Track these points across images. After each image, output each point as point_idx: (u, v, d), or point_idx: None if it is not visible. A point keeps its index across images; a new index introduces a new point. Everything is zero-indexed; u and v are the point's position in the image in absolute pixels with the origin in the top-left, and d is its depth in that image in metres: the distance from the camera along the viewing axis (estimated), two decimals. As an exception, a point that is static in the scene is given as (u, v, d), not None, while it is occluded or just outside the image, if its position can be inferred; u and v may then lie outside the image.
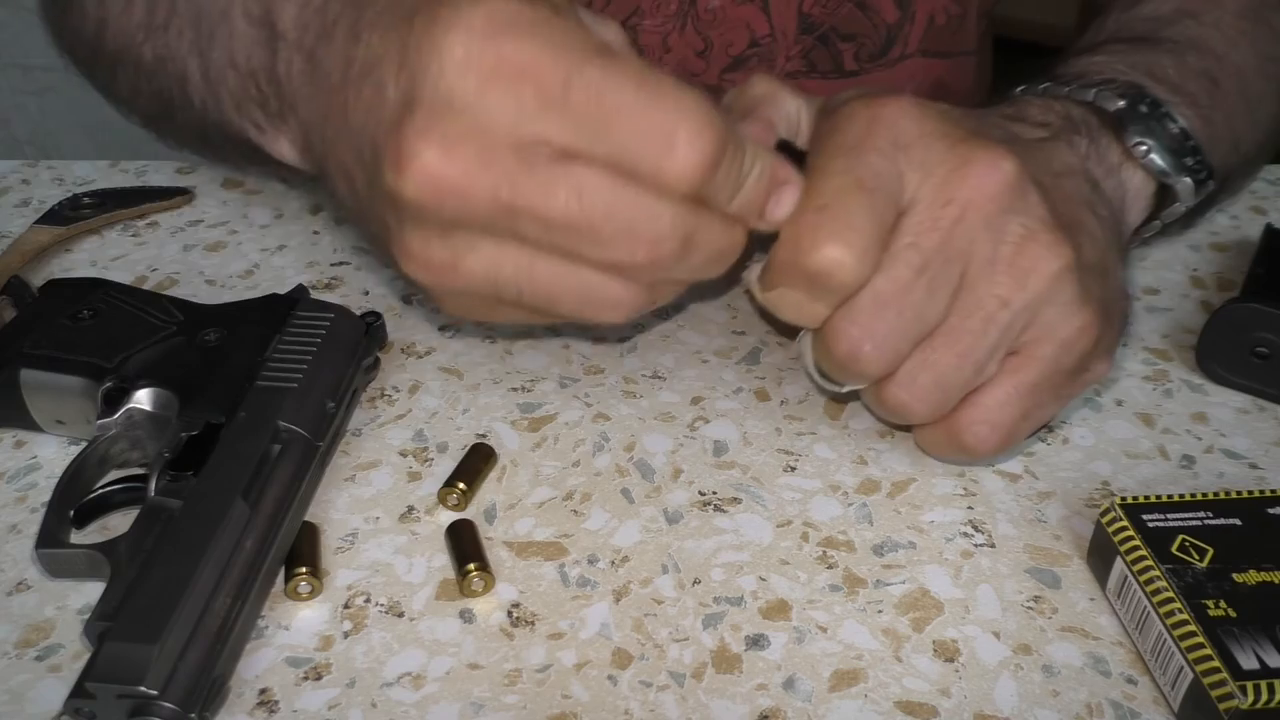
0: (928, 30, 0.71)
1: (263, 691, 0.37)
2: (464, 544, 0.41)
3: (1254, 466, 0.46)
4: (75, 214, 0.59)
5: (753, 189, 0.38)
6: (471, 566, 0.40)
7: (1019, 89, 0.51)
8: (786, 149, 0.43)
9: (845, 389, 0.44)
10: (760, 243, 0.41)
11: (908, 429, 0.46)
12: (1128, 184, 0.48)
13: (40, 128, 1.10)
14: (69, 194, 0.61)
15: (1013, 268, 0.40)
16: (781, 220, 0.40)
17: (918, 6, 0.70)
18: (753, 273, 0.43)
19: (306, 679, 0.37)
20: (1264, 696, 0.34)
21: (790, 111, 0.46)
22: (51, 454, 0.46)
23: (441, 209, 0.36)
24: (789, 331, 0.51)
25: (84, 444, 0.43)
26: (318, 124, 0.41)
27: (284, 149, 0.46)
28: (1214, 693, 0.34)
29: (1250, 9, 0.55)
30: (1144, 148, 0.47)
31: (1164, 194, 0.49)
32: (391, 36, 0.37)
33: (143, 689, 0.34)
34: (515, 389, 0.49)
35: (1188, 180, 0.48)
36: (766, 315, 0.48)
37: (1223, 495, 0.41)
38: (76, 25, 0.55)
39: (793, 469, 0.45)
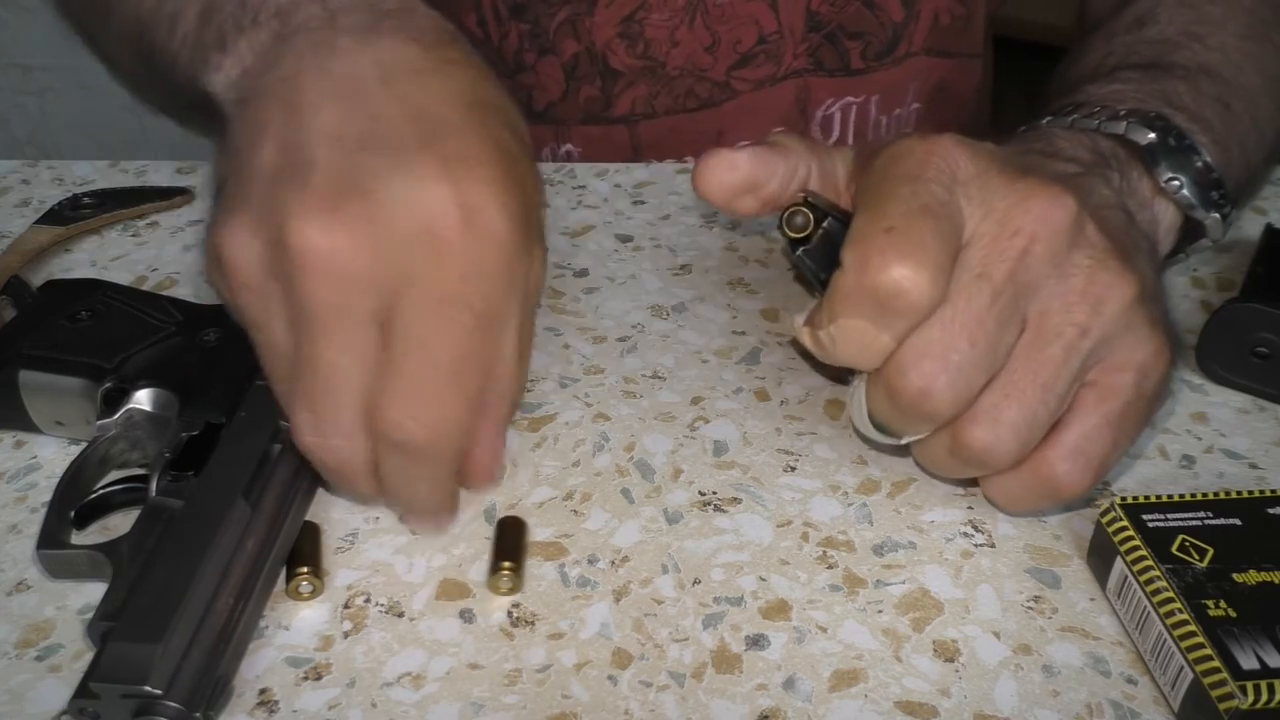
0: (932, 29, 0.71)
1: (263, 691, 0.37)
2: (506, 540, 0.41)
3: (1254, 466, 0.46)
4: (75, 214, 0.59)
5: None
6: (506, 565, 0.40)
7: (1045, 119, 0.50)
8: (818, 198, 0.42)
9: (905, 440, 0.42)
10: (807, 284, 0.41)
11: (971, 483, 0.44)
12: (1160, 217, 0.47)
13: (40, 128, 1.10)
14: (69, 194, 0.61)
15: (1087, 296, 0.39)
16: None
17: (922, 5, 0.70)
18: (799, 318, 0.42)
19: (306, 679, 0.38)
20: (1264, 696, 0.34)
21: (802, 157, 0.46)
22: (51, 454, 0.46)
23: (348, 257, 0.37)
24: (837, 374, 0.49)
25: (84, 444, 0.43)
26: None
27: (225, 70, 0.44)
28: (1214, 693, 0.34)
29: (1253, 30, 0.55)
30: (1176, 183, 0.47)
31: (1187, 227, 0.49)
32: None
33: (147, 688, 0.34)
34: (515, 389, 0.49)
35: (1217, 216, 0.48)
36: (811, 357, 0.45)
37: (1223, 495, 0.41)
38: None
39: (793, 469, 0.46)
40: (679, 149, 0.72)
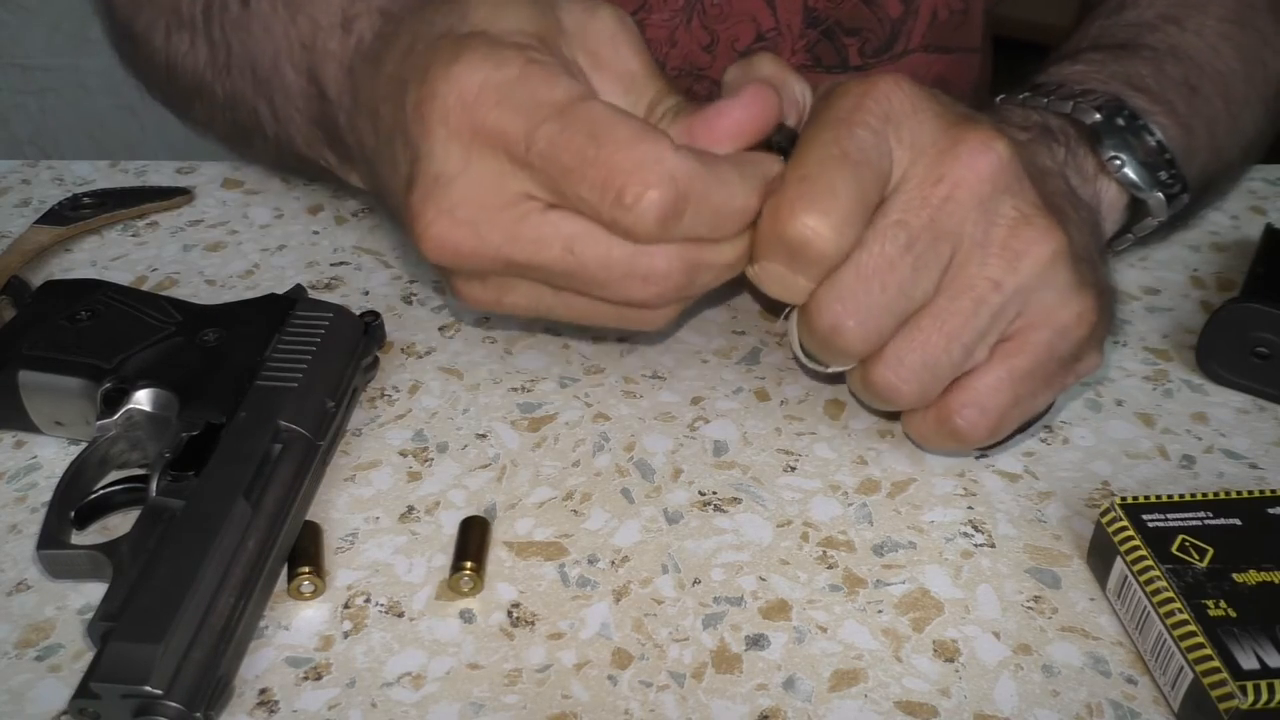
0: (930, 25, 0.71)
1: (263, 691, 0.37)
2: (470, 541, 0.41)
3: (1254, 466, 0.46)
4: (75, 214, 0.59)
5: (738, 209, 0.38)
6: (468, 565, 0.40)
7: (999, 98, 0.51)
8: (786, 132, 0.42)
9: (830, 369, 0.43)
10: None
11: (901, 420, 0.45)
12: (1103, 195, 0.48)
13: (40, 128, 1.10)
14: (69, 194, 0.61)
15: (1005, 250, 0.39)
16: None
17: (921, 2, 0.70)
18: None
19: (306, 679, 0.38)
20: (1264, 696, 0.34)
21: (797, 95, 0.46)
22: (51, 454, 0.46)
23: (461, 267, 0.39)
24: (775, 309, 0.50)
25: (84, 444, 0.43)
26: (369, 174, 0.44)
27: (357, 182, 0.48)
28: (1214, 693, 0.34)
29: (1235, 14, 0.55)
30: (1118, 161, 0.47)
31: (1137, 207, 0.49)
32: (397, 111, 0.39)
33: (147, 688, 0.34)
34: (515, 389, 0.49)
35: (1160, 195, 0.48)
36: (755, 292, 0.48)
37: (1223, 495, 0.41)
38: (147, 60, 0.57)
39: (793, 469, 0.46)
40: None
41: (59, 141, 1.10)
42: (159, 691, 0.34)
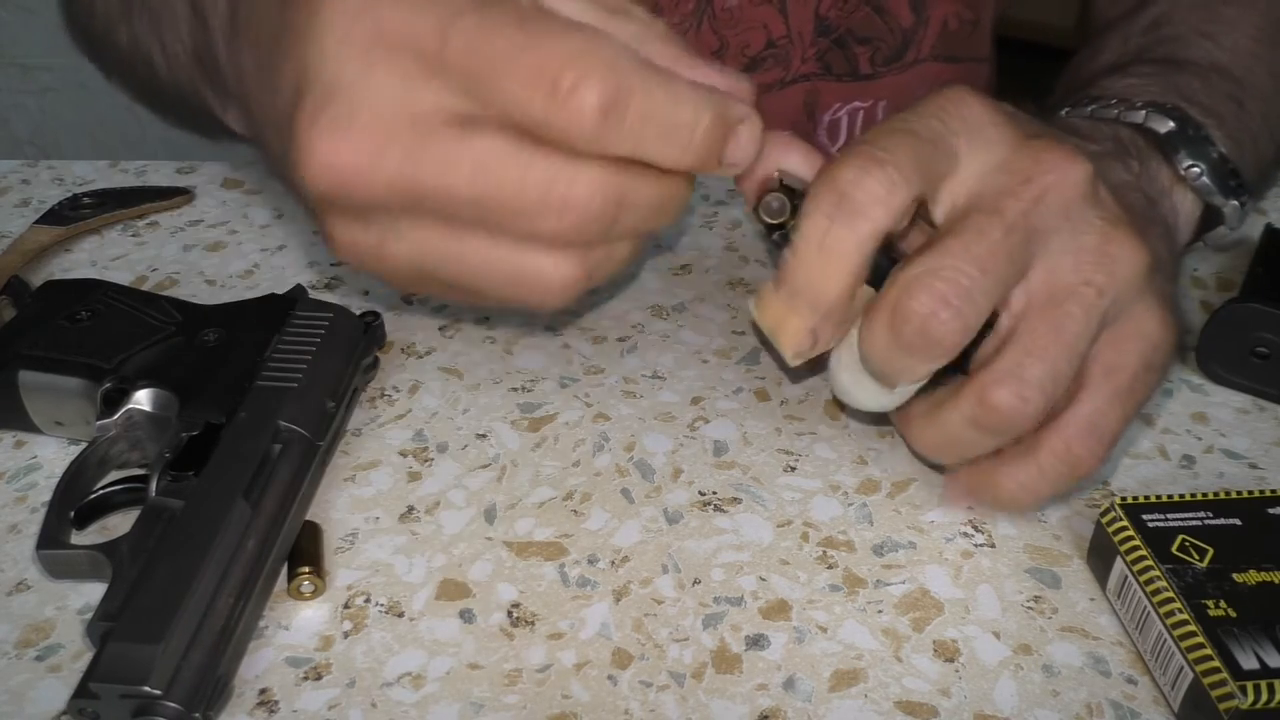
0: (941, 35, 0.71)
1: (263, 691, 0.37)
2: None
3: (1254, 466, 0.46)
4: (75, 214, 0.59)
5: (692, 131, 0.34)
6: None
7: (1064, 111, 0.50)
8: (788, 190, 0.39)
9: (897, 388, 0.39)
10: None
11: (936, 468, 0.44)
12: (1180, 206, 0.48)
13: (40, 128, 1.10)
14: (69, 194, 0.61)
15: (1102, 255, 0.37)
16: (744, 161, 0.36)
17: (931, 11, 0.70)
18: (751, 300, 0.40)
19: (306, 679, 0.38)
20: (1264, 696, 0.34)
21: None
22: (51, 454, 0.46)
23: (349, 197, 0.34)
24: (798, 373, 0.47)
25: (84, 444, 0.43)
26: (244, 112, 0.40)
27: (234, 122, 0.45)
28: (1214, 693, 0.34)
29: (1264, 32, 0.56)
30: (1196, 170, 0.47)
31: (1206, 217, 0.49)
32: (279, 19, 0.34)
33: (146, 689, 0.34)
34: (515, 389, 0.49)
35: (1235, 203, 0.48)
36: (775, 353, 0.42)
37: (1223, 495, 0.41)
38: (77, 12, 0.56)
39: (793, 469, 0.46)
40: None
41: (59, 141, 1.10)
42: (158, 692, 0.34)
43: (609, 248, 0.36)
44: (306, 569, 0.40)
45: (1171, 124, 0.47)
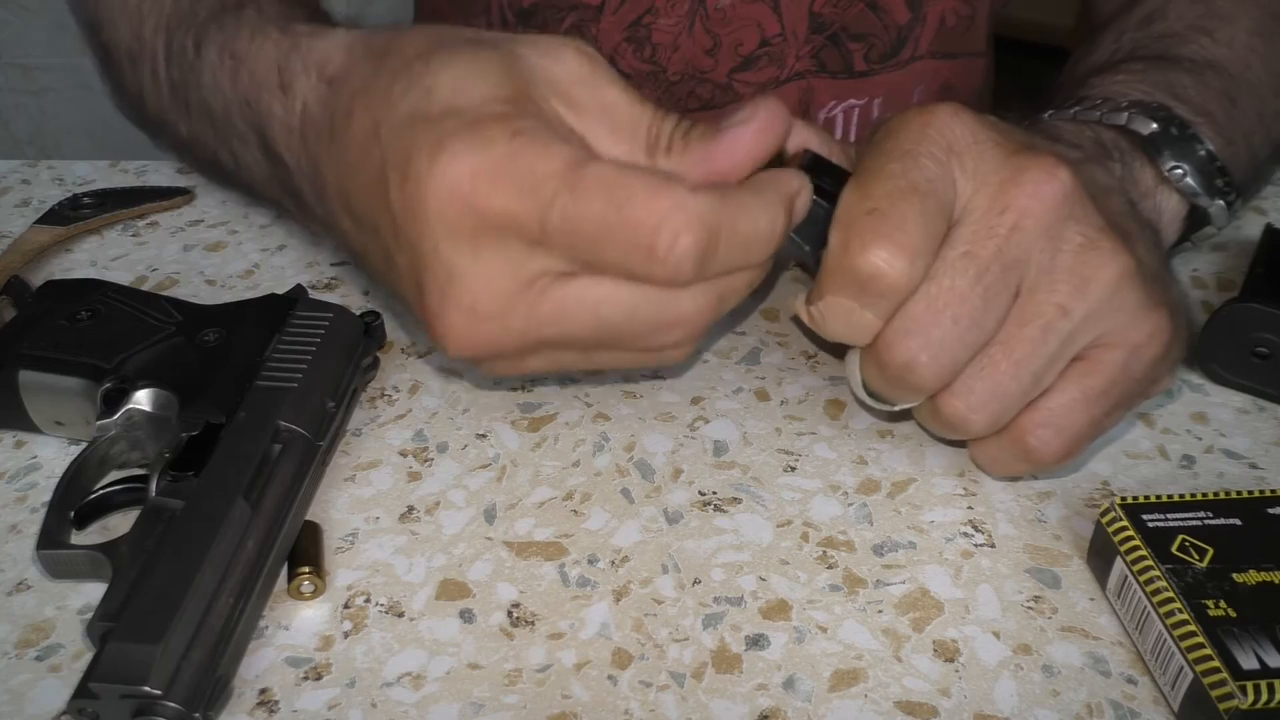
0: (938, 32, 0.71)
1: (263, 691, 0.37)
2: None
3: (1254, 466, 0.46)
4: (75, 214, 0.60)
5: (766, 233, 0.37)
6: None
7: (1047, 114, 0.50)
8: (814, 159, 0.42)
9: (898, 407, 0.43)
10: (806, 265, 0.41)
11: (961, 443, 0.45)
12: (1163, 207, 0.47)
13: (40, 128, 1.10)
14: (69, 194, 0.61)
15: (1072, 275, 0.39)
16: (798, 222, 0.40)
17: (929, 8, 0.70)
18: (800, 297, 0.42)
19: (306, 679, 0.38)
20: (1264, 696, 0.34)
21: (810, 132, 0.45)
22: (51, 454, 0.46)
23: (488, 357, 0.38)
24: (837, 350, 0.50)
25: (84, 444, 0.43)
26: (352, 259, 0.43)
27: (327, 242, 0.47)
28: (1214, 693, 0.34)
29: (1262, 27, 0.55)
30: (1179, 171, 0.47)
31: (1193, 216, 0.49)
32: (377, 204, 0.37)
33: (146, 689, 0.34)
34: (515, 389, 0.49)
35: (1221, 203, 0.48)
36: (813, 335, 0.47)
37: (1223, 495, 0.41)
38: (119, 84, 0.56)
39: (793, 469, 0.46)
40: None
41: (59, 141, 1.10)
42: (158, 692, 0.34)
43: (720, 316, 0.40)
44: (306, 569, 0.40)
45: (1154, 125, 0.47)
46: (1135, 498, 0.40)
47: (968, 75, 0.75)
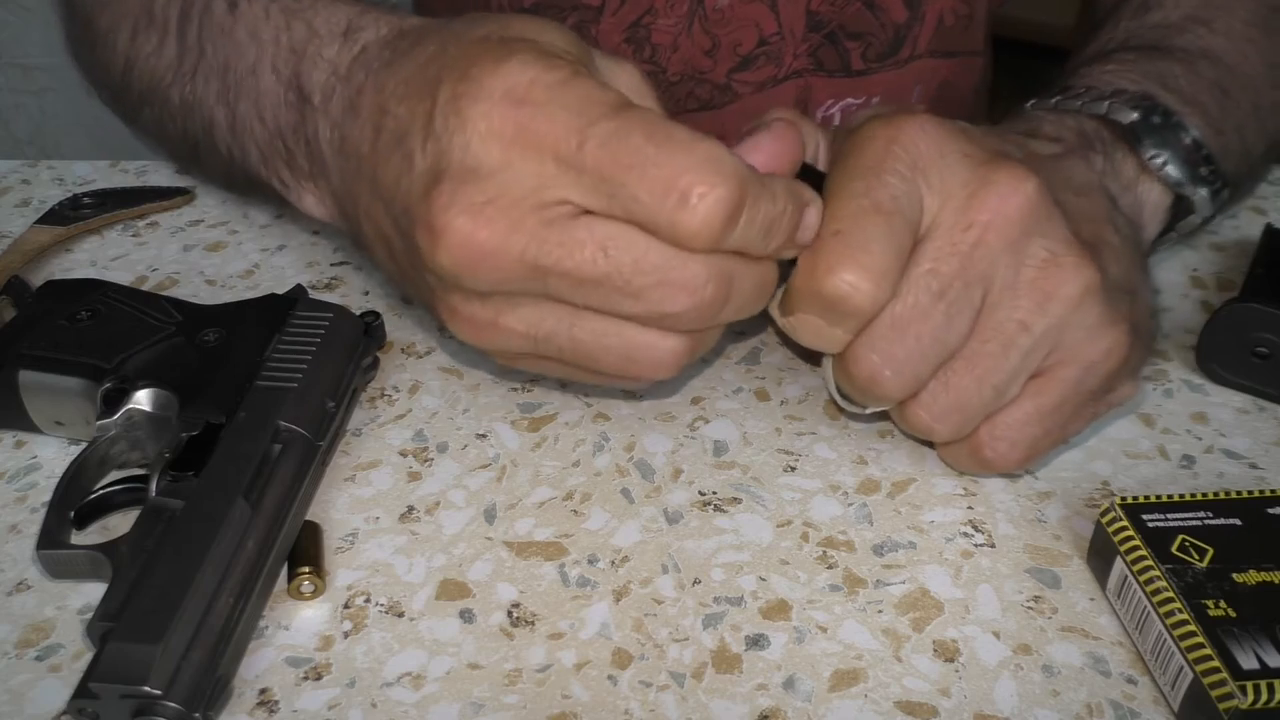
0: (937, 31, 0.71)
1: (263, 691, 0.37)
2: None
3: (1254, 466, 0.46)
4: (75, 214, 0.59)
5: (785, 224, 0.38)
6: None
7: (1030, 103, 0.50)
8: (807, 171, 0.42)
9: (869, 410, 0.44)
10: (781, 267, 0.41)
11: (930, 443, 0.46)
12: (1145, 198, 0.47)
13: (40, 128, 1.10)
14: (69, 194, 0.61)
15: (1034, 291, 0.39)
16: (808, 240, 0.40)
17: (927, 7, 0.70)
18: (775, 299, 0.42)
19: (306, 679, 0.38)
20: (1264, 696, 0.34)
21: (811, 136, 0.45)
22: (51, 454, 0.46)
23: (476, 275, 0.37)
24: (812, 356, 0.50)
25: (84, 444, 0.43)
26: (349, 191, 0.42)
27: (310, 206, 0.47)
28: (1214, 693, 0.34)
29: (1261, 18, 0.55)
30: (1160, 159, 0.47)
31: (1179, 205, 0.49)
32: (418, 107, 0.37)
33: (146, 689, 0.34)
34: (515, 389, 0.49)
35: (1204, 191, 0.48)
36: (788, 340, 0.48)
37: (1223, 495, 0.41)
38: (104, 60, 0.55)
39: (793, 469, 0.46)
40: None
41: (59, 141, 1.10)
42: (158, 692, 0.34)
43: (713, 328, 0.40)
44: (306, 569, 0.40)
45: (1135, 114, 0.47)
46: (1135, 498, 0.40)
47: (966, 74, 0.75)
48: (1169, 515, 0.40)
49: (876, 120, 0.41)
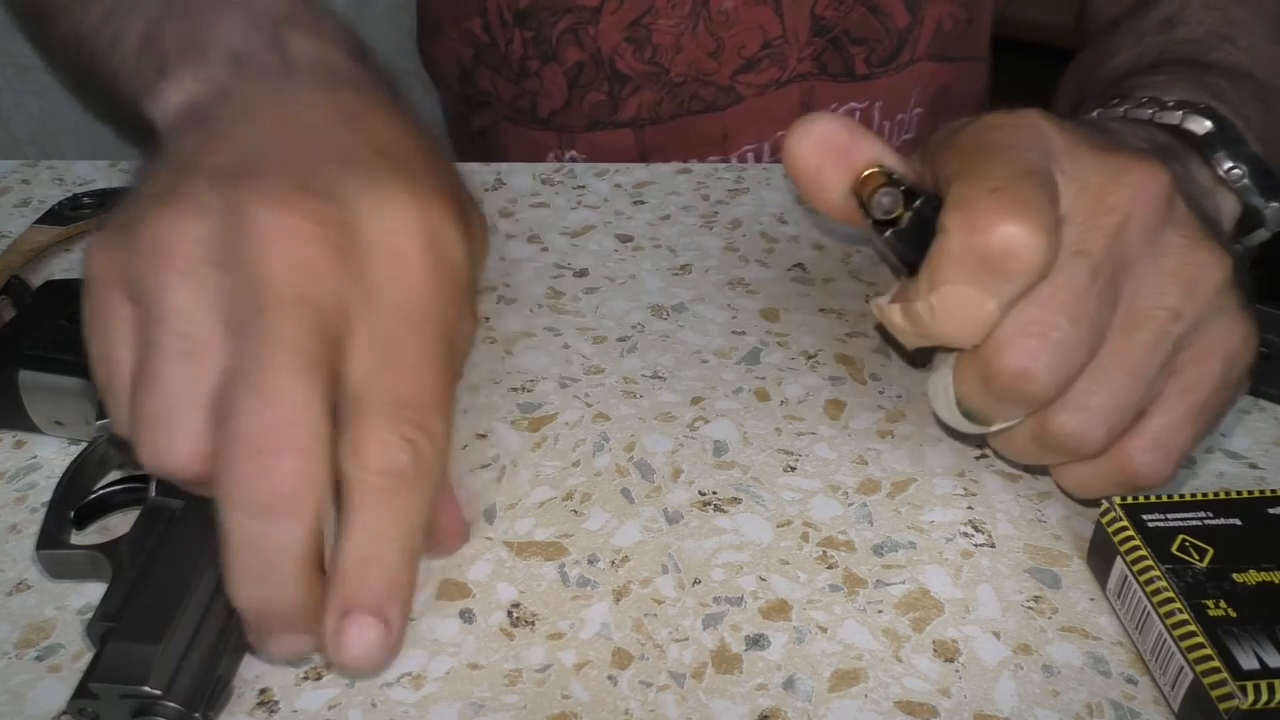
0: (935, 35, 0.71)
1: (263, 691, 0.37)
2: None
3: (1254, 466, 0.46)
4: (75, 214, 0.59)
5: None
6: None
7: (1094, 112, 0.49)
8: (898, 182, 0.39)
9: (995, 427, 0.40)
10: (897, 257, 0.39)
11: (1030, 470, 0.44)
12: (1222, 208, 0.46)
13: (40, 128, 1.10)
14: (69, 194, 0.61)
15: (1180, 276, 0.37)
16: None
17: (926, 11, 0.70)
18: (884, 299, 0.40)
19: (306, 679, 0.38)
20: (1264, 696, 0.34)
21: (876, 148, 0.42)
22: (51, 454, 0.46)
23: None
24: (917, 357, 0.48)
25: (84, 444, 0.43)
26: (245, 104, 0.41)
27: (166, 101, 0.43)
28: (1214, 693, 0.34)
29: (1278, 35, 0.55)
30: (1238, 172, 0.46)
31: (1242, 220, 0.48)
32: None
33: (146, 689, 0.34)
34: (515, 389, 0.49)
35: (1276, 205, 0.46)
36: (893, 342, 0.43)
37: (1223, 495, 0.41)
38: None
39: (793, 469, 0.46)
40: (684, 152, 0.72)
41: (59, 141, 1.10)
42: (158, 691, 0.34)
43: None
44: (306, 569, 0.40)
45: (1209, 124, 0.46)
46: (1135, 498, 0.40)
47: (966, 80, 0.75)
48: (1169, 515, 0.40)
49: (995, 113, 0.40)
